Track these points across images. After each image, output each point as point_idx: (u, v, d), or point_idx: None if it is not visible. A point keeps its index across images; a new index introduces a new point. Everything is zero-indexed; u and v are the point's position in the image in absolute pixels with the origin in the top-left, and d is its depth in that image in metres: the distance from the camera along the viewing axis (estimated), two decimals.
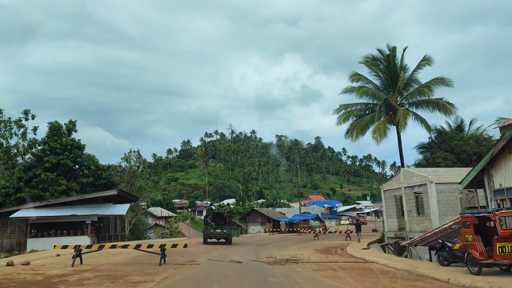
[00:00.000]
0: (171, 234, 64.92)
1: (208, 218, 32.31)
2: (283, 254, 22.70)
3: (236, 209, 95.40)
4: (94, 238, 30.82)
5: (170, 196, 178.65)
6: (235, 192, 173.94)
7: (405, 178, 24.80)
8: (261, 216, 58.45)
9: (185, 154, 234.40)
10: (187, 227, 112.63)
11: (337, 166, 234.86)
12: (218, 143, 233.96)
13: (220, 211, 34.56)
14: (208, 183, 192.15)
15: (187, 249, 25.09)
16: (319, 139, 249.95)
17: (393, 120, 34.30)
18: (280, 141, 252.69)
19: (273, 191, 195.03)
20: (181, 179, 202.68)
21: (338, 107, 36.85)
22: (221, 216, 32.20)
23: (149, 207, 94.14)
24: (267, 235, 50.61)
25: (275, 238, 43.05)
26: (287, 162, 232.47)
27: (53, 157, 42.58)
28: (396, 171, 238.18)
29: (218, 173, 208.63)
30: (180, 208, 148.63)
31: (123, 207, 31.77)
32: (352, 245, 27.27)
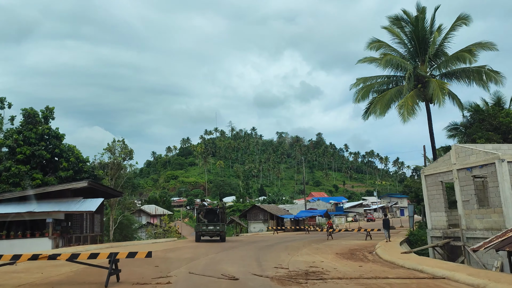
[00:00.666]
0: (164, 234, 58.66)
1: (200, 215, 30.87)
2: (296, 261, 16.39)
3: (236, 206, 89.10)
4: (57, 240, 24.46)
5: (170, 194, 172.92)
6: (235, 189, 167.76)
7: (459, 157, 18.32)
8: (263, 212, 52.14)
9: (185, 152, 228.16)
10: (185, 225, 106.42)
11: (339, 163, 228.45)
12: (218, 141, 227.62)
13: (212, 207, 32.96)
14: (208, 181, 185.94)
15: (168, 255, 18.86)
16: (321, 135, 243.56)
17: (422, 94, 27.89)
18: (281, 138, 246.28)
19: (274, 188, 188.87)
20: (180, 177, 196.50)
21: (355, 81, 30.38)
22: (214, 213, 30.61)
23: (143, 204, 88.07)
24: (270, 234, 44.34)
25: (281, 238, 36.61)
26: (288, 159, 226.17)
27: (27, 148, 36.72)
28: (399, 167, 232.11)
29: (218, 171, 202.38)
30: (179, 206, 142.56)
31: (93, 202, 25.37)
32: (382, 247, 20.94)
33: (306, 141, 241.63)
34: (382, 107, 27.40)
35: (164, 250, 21.82)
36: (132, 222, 52.16)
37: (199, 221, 30.58)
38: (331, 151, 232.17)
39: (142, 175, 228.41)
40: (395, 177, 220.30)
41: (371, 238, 29.38)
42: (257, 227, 51.59)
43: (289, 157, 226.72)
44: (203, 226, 29.74)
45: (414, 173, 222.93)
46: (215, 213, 30.86)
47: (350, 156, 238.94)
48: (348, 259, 17.49)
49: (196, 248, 23.57)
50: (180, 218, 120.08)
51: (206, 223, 29.87)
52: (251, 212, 53.63)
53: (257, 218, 52.07)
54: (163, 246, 24.93)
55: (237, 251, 21.15)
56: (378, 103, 27.85)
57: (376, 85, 30.02)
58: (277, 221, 50.94)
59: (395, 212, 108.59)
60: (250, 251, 21.10)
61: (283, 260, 16.93)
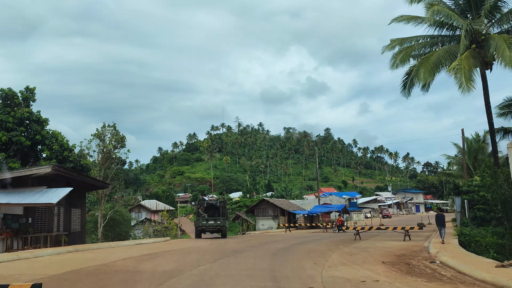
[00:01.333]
0: (163, 232, 52.82)
1: (200, 209, 29.58)
2: (333, 277, 10.33)
3: (243, 201, 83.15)
4: (8, 241, 18.51)
5: (175, 190, 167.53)
6: (242, 185, 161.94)
7: None
8: (273, 208, 45.93)
9: (191, 147, 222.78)
10: (189, 222, 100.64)
11: (347, 158, 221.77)
12: (224, 136, 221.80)
13: (212, 202, 30.78)
14: (215, 176, 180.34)
15: (142, 266, 12.85)
16: (329, 130, 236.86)
17: (478, 56, 21.52)
18: (288, 133, 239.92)
19: (282, 184, 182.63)
20: (186, 172, 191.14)
21: (389, 42, 24.04)
22: (214, 207, 29.36)
23: (143, 199, 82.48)
24: (281, 232, 38.16)
25: (296, 237, 30.36)
26: (296, 155, 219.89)
27: (4, 134, 31.59)
28: (408, 163, 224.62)
29: (224, 166, 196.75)
30: (184, 202, 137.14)
31: (57, 192, 19.33)
32: (442, 252, 14.80)
33: (314, 137, 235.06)
34: (427, 71, 21.01)
35: (141, 256, 15.75)
36: (126, 218, 46.28)
37: (199, 216, 29.10)
38: (340, 146, 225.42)
39: (148, 171, 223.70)
40: (405, 173, 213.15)
41: (409, 238, 23.15)
42: (266, 224, 45.52)
43: (297, 153, 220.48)
44: (203, 221, 28.37)
45: (425, 169, 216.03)
46: (216, 207, 29.42)
47: (359, 152, 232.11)
48: (409, 273, 11.34)
49: (186, 254, 17.46)
50: (184, 215, 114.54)
51: (206, 218, 28.49)
52: (259, 207, 47.45)
53: (266, 214, 45.95)
54: (145, 250, 18.86)
55: (242, 260, 15.00)
56: (421, 67, 21.47)
57: (416, 47, 23.67)
58: (289, 217, 44.85)
59: (410, 208, 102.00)
60: (260, 259, 14.95)
61: (311, 275, 10.85)
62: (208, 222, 28.28)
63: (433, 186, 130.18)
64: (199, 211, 29.65)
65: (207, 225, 28.36)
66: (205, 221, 28.37)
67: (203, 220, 28.44)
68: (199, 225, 28.61)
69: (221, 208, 29.42)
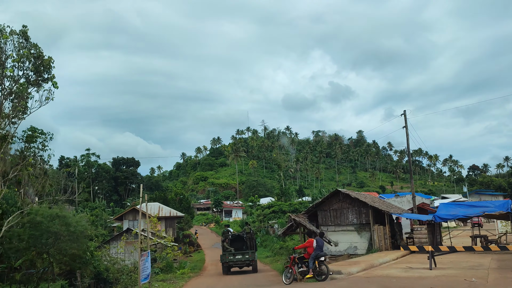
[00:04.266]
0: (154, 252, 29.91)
1: (225, 243, 25.31)
2: None
3: (278, 205, 59.37)
4: None
5: (198, 197, 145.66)
6: (270, 191, 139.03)
7: None
8: (358, 208, 21.38)
9: (215, 152, 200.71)
10: (209, 232, 77.46)
11: (383, 162, 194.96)
12: (250, 140, 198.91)
13: (239, 233, 27.38)
14: (240, 182, 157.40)
15: None
16: (361, 133, 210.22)
17: None
18: (318, 136, 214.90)
19: (314, 190, 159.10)
20: (210, 178, 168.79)
21: None
22: (241, 239, 26.04)
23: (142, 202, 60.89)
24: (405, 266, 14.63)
25: None
26: (327, 159, 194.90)
27: None
28: (450, 165, 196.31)
29: (251, 171, 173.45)
30: (206, 209, 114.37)
31: None
32: None
33: (346, 140, 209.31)
34: None
35: None
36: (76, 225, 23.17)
37: (224, 251, 24.95)
38: (374, 150, 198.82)
39: (171, 178, 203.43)
40: (448, 178, 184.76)
41: None
42: (344, 240, 21.58)
43: (328, 157, 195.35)
44: (229, 256, 24.40)
45: (471, 172, 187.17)
46: (242, 239, 26.02)
47: (394, 155, 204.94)
48: None
49: None
50: (204, 223, 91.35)
51: (233, 252, 24.67)
52: (327, 207, 22.91)
53: (343, 221, 21.84)
54: None
55: None
56: None
57: None
58: (391, 226, 21.23)
59: None
60: None
61: None
62: (236, 257, 24.38)
63: (500, 188, 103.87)
64: (224, 245, 25.20)
65: (234, 260, 24.32)
66: (232, 256, 24.50)
67: (229, 255, 24.47)
68: (225, 260, 24.38)
69: (248, 240, 25.55)
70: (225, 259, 24.59)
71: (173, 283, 20.27)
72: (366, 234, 21.95)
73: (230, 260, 24.49)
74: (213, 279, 22.94)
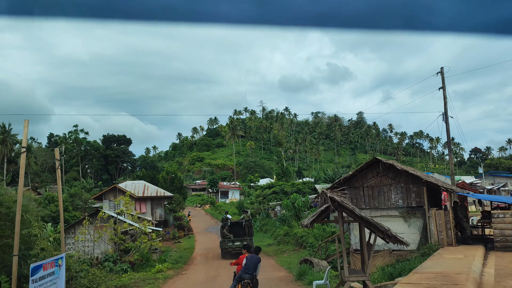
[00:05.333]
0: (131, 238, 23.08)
1: (224, 230, 25.81)
2: None
3: (280, 186, 52.61)
4: None
5: (194, 177, 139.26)
6: (269, 172, 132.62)
7: None
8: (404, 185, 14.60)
9: (212, 133, 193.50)
10: (204, 214, 70.88)
11: (383, 144, 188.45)
12: (248, 120, 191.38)
13: (238, 221, 28.12)
14: (238, 163, 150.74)
15: None
16: (361, 114, 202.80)
17: None
18: (317, 118, 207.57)
19: (313, 172, 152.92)
20: (207, 159, 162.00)
21: None
22: (239, 226, 26.58)
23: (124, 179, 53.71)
24: None
25: None
26: (326, 140, 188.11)
27: None
28: (457, 148, 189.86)
29: (248, 152, 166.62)
30: (201, 190, 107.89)
31: None
32: None
33: (346, 121, 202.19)
34: None
35: None
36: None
37: (223, 237, 25.56)
38: (374, 132, 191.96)
39: (167, 158, 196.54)
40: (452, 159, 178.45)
41: None
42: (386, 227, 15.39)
43: (327, 139, 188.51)
44: (228, 243, 24.98)
45: (473, 155, 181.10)
46: (241, 226, 26.51)
47: (395, 137, 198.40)
48: None
49: None
50: (199, 205, 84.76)
51: (232, 239, 25.23)
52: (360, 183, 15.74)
53: (383, 202, 15.03)
54: None
55: None
56: None
57: None
58: (454, 211, 14.34)
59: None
60: None
61: None
62: (235, 243, 24.68)
63: (510, 170, 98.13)
64: (224, 232, 25.67)
65: (233, 246, 24.73)
66: (230, 242, 25.02)
67: (228, 242, 25.03)
68: (224, 247, 24.99)
69: (247, 227, 26.12)
70: (225, 245, 25.09)
71: None
72: (417, 221, 15.04)
73: (229, 246, 24.94)
74: (196, 280, 16.16)
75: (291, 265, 19.34)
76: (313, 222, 8.65)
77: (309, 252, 22.66)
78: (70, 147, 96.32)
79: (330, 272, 15.22)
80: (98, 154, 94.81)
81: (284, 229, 30.87)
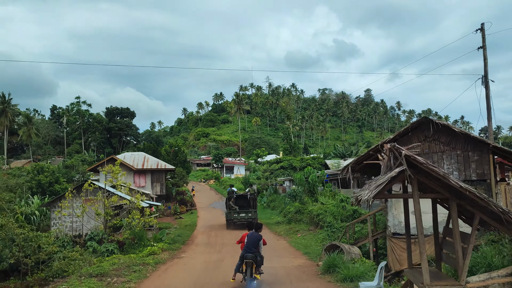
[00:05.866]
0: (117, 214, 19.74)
1: (230, 202, 26.46)
2: None
3: (288, 161, 49.24)
4: None
5: (199, 153, 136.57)
6: (274, 149, 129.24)
7: None
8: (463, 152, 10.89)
9: (218, 108, 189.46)
10: (208, 189, 67.95)
11: (391, 122, 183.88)
12: (254, 96, 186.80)
13: (243, 194, 28.52)
14: (243, 139, 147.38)
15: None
16: (369, 91, 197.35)
17: None
18: (324, 94, 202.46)
19: (319, 149, 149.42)
20: (212, 134, 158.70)
21: None
22: (245, 198, 26.96)
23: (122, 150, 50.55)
24: None
25: None
26: (333, 118, 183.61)
27: None
28: (461, 127, 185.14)
29: (254, 129, 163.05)
30: (206, 165, 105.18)
31: None
32: None
33: (353, 99, 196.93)
34: None
35: None
36: None
37: (229, 209, 26.18)
38: (382, 109, 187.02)
39: (172, 133, 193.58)
40: None
41: None
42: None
43: (334, 116, 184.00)
44: (234, 214, 25.71)
45: (482, 134, 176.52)
46: (246, 198, 26.84)
47: (403, 115, 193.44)
48: None
49: None
50: (204, 180, 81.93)
51: (238, 211, 25.85)
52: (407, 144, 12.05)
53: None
54: None
55: None
56: None
57: None
58: None
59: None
60: None
61: None
62: (240, 215, 25.57)
63: None
64: (230, 204, 26.26)
65: (238, 217, 25.49)
66: (236, 213, 25.65)
67: (234, 213, 25.69)
68: (230, 218, 25.75)
69: (252, 200, 26.45)
70: (230, 216, 25.72)
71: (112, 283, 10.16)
72: None
73: (234, 217, 25.58)
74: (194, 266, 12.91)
75: (309, 249, 16.07)
76: (378, 196, 5.19)
77: (327, 233, 19.41)
78: (73, 120, 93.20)
79: (363, 261, 11.87)
80: (101, 127, 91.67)
81: (295, 206, 27.63)
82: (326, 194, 25.87)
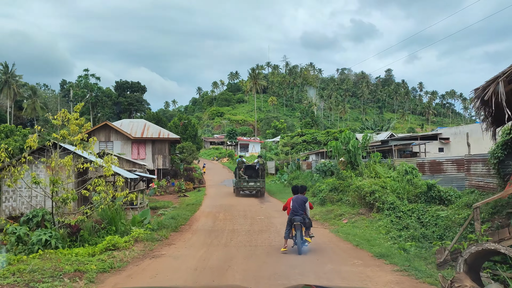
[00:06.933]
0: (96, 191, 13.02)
1: (240, 171, 27.33)
2: None
3: (311, 135, 42.27)
4: None
5: (213, 132, 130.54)
6: (291, 129, 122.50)
7: None
8: None
9: (233, 88, 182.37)
10: (221, 167, 61.61)
11: (412, 104, 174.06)
12: (270, 75, 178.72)
13: (252, 164, 29.17)
14: (259, 119, 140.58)
15: None
16: (390, 72, 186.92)
17: None
18: (343, 74, 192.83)
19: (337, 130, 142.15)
20: (227, 114, 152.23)
21: None
22: (253, 169, 27.77)
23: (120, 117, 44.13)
24: None
25: None
26: (352, 98, 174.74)
27: None
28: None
29: (270, 108, 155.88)
30: (220, 144, 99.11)
31: None
32: None
33: (373, 79, 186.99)
34: None
35: None
36: None
37: (239, 178, 27.11)
38: (403, 90, 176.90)
39: (187, 113, 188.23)
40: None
41: None
42: None
43: (353, 96, 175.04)
44: (243, 182, 26.74)
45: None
46: (255, 169, 27.64)
47: (425, 97, 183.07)
48: None
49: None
50: (217, 158, 75.71)
51: (247, 180, 26.91)
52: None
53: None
54: None
55: None
56: None
57: None
58: None
59: None
60: None
61: None
62: (249, 184, 26.64)
63: None
64: (240, 173, 27.14)
65: (247, 186, 26.70)
66: (245, 182, 26.70)
67: (243, 182, 26.70)
68: (239, 186, 26.73)
69: (260, 170, 27.18)
70: (240, 185, 26.55)
71: None
72: None
73: (243, 186, 26.50)
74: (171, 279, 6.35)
75: (377, 246, 9.43)
76: None
77: (389, 218, 12.69)
78: (81, 93, 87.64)
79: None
80: (110, 101, 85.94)
81: (328, 182, 20.92)
82: (371, 166, 19.01)
